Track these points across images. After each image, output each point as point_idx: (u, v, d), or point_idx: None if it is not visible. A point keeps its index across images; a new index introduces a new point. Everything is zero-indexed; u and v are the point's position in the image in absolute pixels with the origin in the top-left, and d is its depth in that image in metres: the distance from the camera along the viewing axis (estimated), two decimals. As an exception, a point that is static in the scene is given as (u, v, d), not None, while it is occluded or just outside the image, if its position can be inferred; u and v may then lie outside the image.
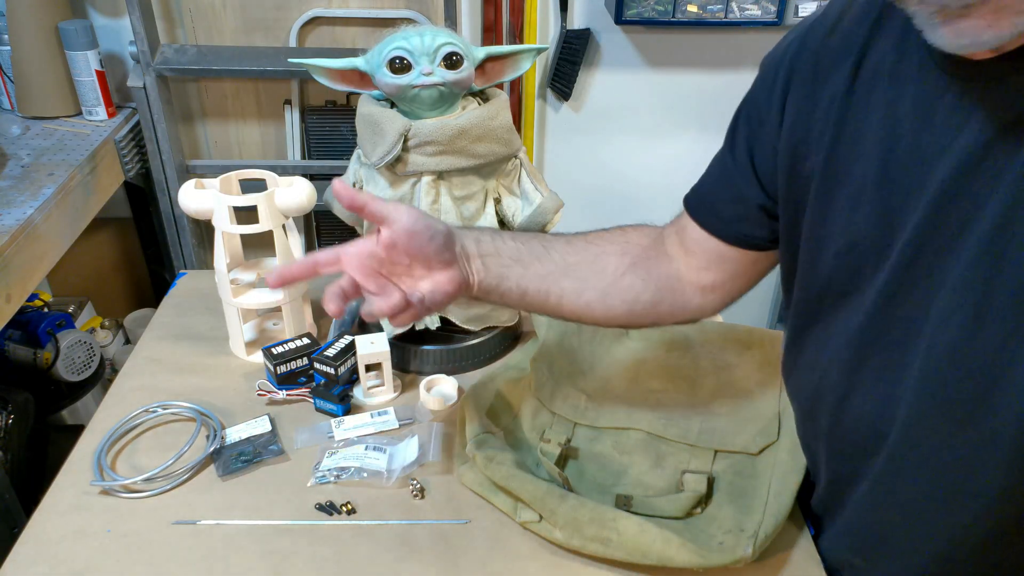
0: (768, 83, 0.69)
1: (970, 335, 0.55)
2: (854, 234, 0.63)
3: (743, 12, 1.70)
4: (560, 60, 1.82)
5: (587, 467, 0.85)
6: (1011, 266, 0.52)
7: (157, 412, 0.93)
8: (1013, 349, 0.53)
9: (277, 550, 0.76)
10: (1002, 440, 0.56)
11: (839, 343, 0.67)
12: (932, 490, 0.61)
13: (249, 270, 1.05)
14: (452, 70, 0.88)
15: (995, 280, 0.53)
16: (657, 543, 0.72)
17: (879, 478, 0.66)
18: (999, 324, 0.53)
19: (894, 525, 0.66)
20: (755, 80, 0.73)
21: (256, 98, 1.86)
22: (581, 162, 2.00)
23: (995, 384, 0.55)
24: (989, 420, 0.56)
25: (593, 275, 0.79)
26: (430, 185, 0.92)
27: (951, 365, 0.57)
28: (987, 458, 0.57)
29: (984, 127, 0.53)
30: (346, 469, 0.84)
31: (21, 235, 1.25)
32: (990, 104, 0.52)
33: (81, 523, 0.79)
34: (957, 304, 0.55)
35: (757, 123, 0.71)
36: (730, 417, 0.90)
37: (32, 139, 1.57)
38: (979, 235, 0.53)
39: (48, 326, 1.60)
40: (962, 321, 0.55)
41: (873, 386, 0.64)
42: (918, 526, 0.64)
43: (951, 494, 0.60)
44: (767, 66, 0.71)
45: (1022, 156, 0.51)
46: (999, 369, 0.54)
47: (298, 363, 0.96)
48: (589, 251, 0.80)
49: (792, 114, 0.67)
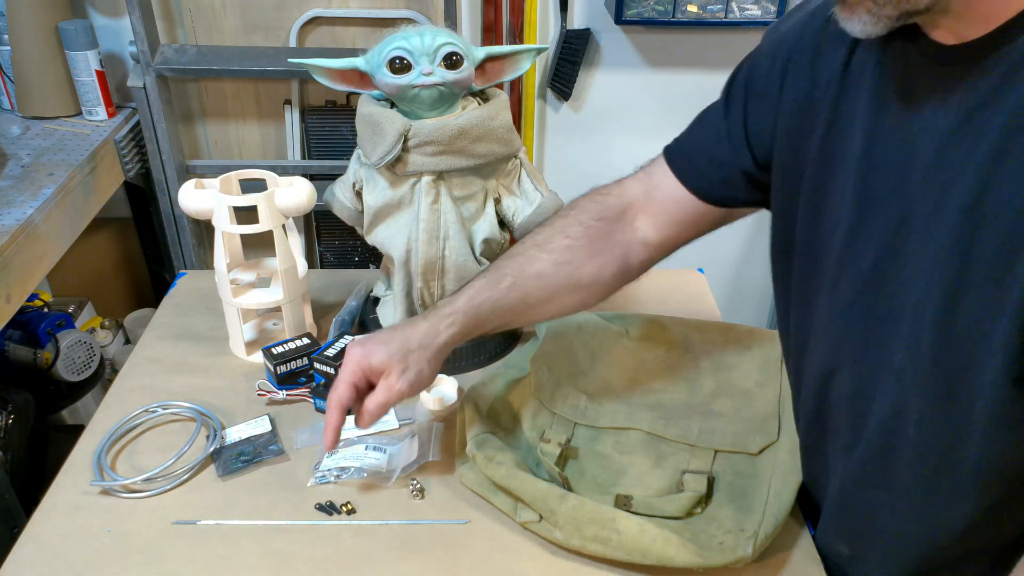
0: (769, 58, 0.72)
1: (946, 313, 0.56)
2: (842, 210, 0.64)
3: (743, 12, 1.70)
4: (560, 60, 1.82)
5: (587, 467, 0.85)
6: (981, 246, 0.53)
7: (157, 412, 0.93)
8: (986, 326, 0.54)
9: (277, 550, 0.76)
10: (977, 416, 0.57)
11: (826, 321, 0.69)
12: (916, 468, 0.62)
13: (249, 270, 1.05)
14: (452, 70, 0.88)
15: (968, 259, 0.54)
16: (657, 543, 0.71)
17: (865, 458, 0.66)
18: (973, 301, 0.54)
19: (881, 506, 0.67)
20: (758, 49, 0.75)
21: (256, 98, 1.86)
22: (581, 162, 2.00)
23: (972, 357, 0.55)
24: (967, 394, 0.57)
25: (560, 289, 0.82)
26: (430, 185, 0.92)
27: (930, 344, 0.58)
28: (967, 432, 0.58)
29: (958, 109, 0.54)
30: (346, 469, 0.84)
31: (21, 235, 1.25)
32: (962, 87, 0.54)
33: (81, 523, 0.79)
34: (934, 283, 0.56)
35: (756, 94, 0.73)
36: (730, 417, 0.90)
37: (32, 139, 1.56)
38: (952, 215, 0.55)
39: (48, 326, 1.60)
40: (939, 299, 0.56)
41: (855, 364, 0.66)
42: (903, 507, 0.65)
43: (933, 471, 0.61)
44: (771, 42, 0.73)
45: (988, 137, 0.52)
46: (975, 344, 0.55)
47: (298, 363, 0.96)
48: (545, 279, 0.82)
49: (791, 92, 0.69)
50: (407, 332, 0.78)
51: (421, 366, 0.77)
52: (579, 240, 0.82)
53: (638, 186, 0.84)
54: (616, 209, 0.84)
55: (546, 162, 2.01)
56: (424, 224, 0.93)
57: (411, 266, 0.96)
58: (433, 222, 0.93)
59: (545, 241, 0.82)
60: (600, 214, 0.83)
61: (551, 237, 0.83)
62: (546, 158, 2.00)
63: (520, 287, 0.81)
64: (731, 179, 0.78)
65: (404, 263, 0.96)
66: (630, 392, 0.95)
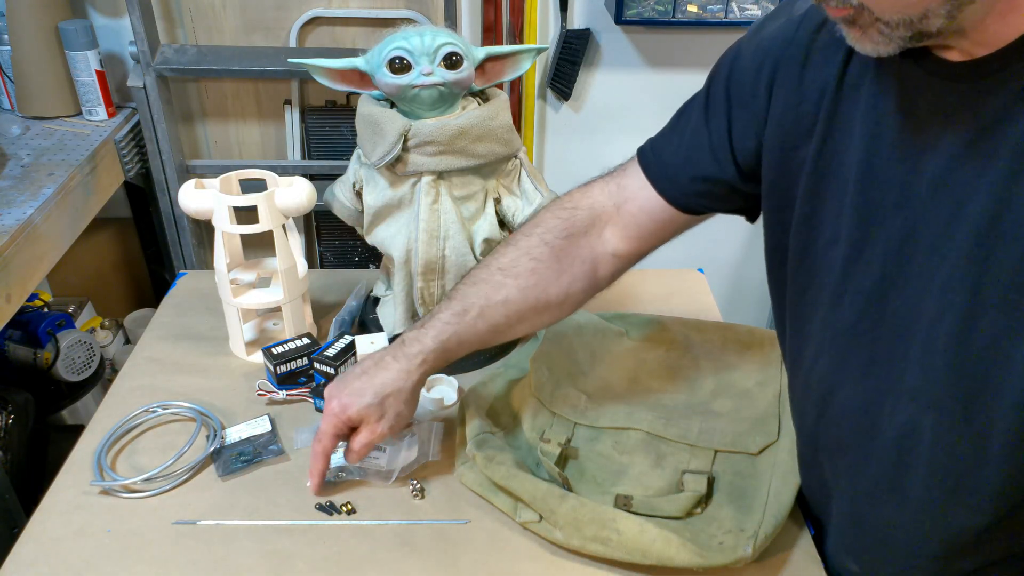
0: (754, 65, 0.69)
1: (962, 335, 0.55)
2: (839, 226, 0.63)
3: (743, 12, 1.71)
4: (560, 60, 1.82)
5: (587, 467, 0.85)
6: (998, 266, 0.52)
7: (157, 412, 0.93)
8: (1006, 348, 0.53)
9: (277, 550, 0.76)
10: (996, 437, 0.56)
11: (827, 336, 0.67)
12: (931, 486, 0.61)
13: (249, 270, 1.05)
14: (452, 70, 0.88)
15: (984, 279, 0.53)
16: (657, 543, 0.72)
17: (877, 475, 0.66)
18: (990, 323, 0.54)
19: (894, 524, 0.66)
20: (740, 54, 0.72)
21: (256, 98, 1.86)
22: (581, 162, 2.00)
23: (988, 382, 0.55)
24: (983, 417, 0.56)
25: (528, 311, 0.82)
26: (430, 185, 0.92)
27: (945, 364, 0.57)
28: (983, 455, 0.57)
29: (968, 127, 0.53)
30: (346, 469, 0.84)
31: (21, 235, 1.25)
32: (971, 104, 0.53)
33: (81, 523, 0.79)
34: (948, 304, 0.56)
35: (740, 103, 0.71)
36: (730, 417, 0.90)
37: (32, 139, 1.56)
38: (965, 235, 0.54)
39: (48, 326, 1.60)
40: (954, 321, 0.55)
41: (860, 381, 0.65)
42: (917, 524, 0.64)
43: (948, 492, 0.61)
44: (754, 48, 0.70)
45: (1001, 157, 0.51)
46: (991, 367, 0.54)
47: (298, 363, 0.96)
48: (515, 304, 0.81)
49: (780, 103, 0.67)
50: (380, 377, 0.79)
51: (399, 408, 0.79)
52: (545, 261, 0.80)
53: (606, 197, 0.82)
54: (584, 223, 0.82)
55: (546, 162, 2.01)
56: (424, 224, 0.93)
57: (411, 266, 0.96)
58: (433, 222, 0.93)
59: (510, 264, 0.81)
60: (566, 231, 0.81)
61: (516, 260, 0.81)
62: (546, 158, 2.00)
63: (487, 317, 0.80)
64: (713, 191, 0.76)
65: (404, 263, 0.96)
66: (630, 392, 0.95)
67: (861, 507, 0.69)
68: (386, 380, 0.78)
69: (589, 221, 0.82)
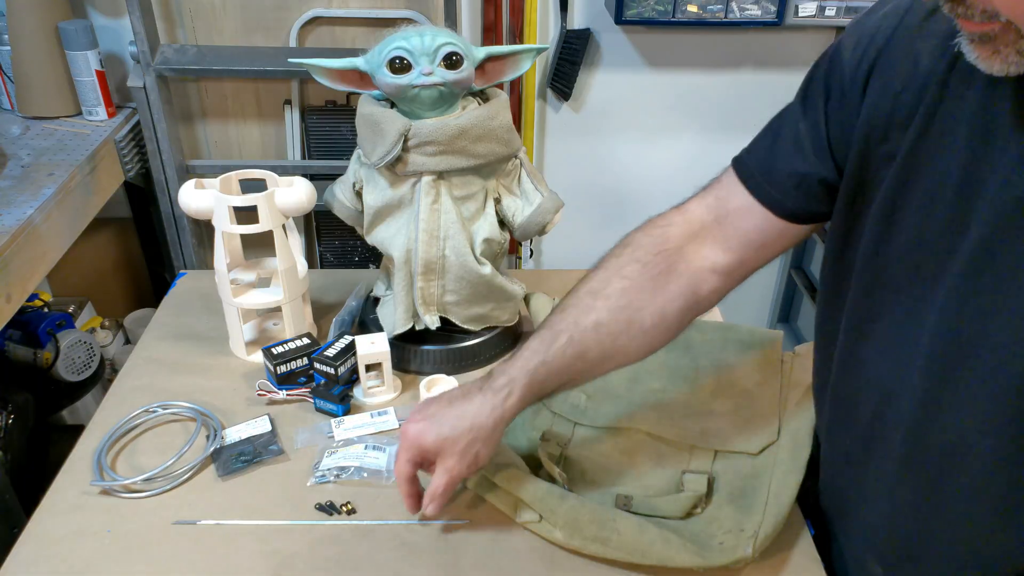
0: (857, 56, 0.65)
1: None
2: (926, 229, 0.60)
3: (743, 12, 1.70)
4: (560, 60, 1.82)
5: (587, 467, 0.85)
6: None
7: (157, 412, 0.93)
8: None
9: (277, 550, 0.76)
10: None
11: (897, 341, 0.64)
12: (981, 499, 0.60)
13: (249, 270, 1.05)
14: (452, 70, 0.88)
15: None
16: (657, 543, 0.72)
17: (922, 485, 0.64)
18: None
19: (935, 534, 0.65)
20: (841, 46, 0.68)
21: (256, 98, 1.86)
22: (581, 162, 2.00)
23: None
24: None
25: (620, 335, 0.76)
26: (430, 185, 0.92)
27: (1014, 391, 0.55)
28: None
29: None
30: (346, 469, 0.84)
31: (21, 235, 1.25)
32: None
33: (81, 523, 0.79)
34: None
35: (839, 93, 0.67)
36: (730, 417, 0.90)
37: (32, 139, 1.56)
38: None
39: (48, 326, 1.60)
40: None
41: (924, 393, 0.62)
42: (960, 534, 0.63)
43: (1000, 500, 0.60)
44: (855, 39, 0.66)
45: None
46: None
47: (298, 363, 0.96)
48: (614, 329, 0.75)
49: (876, 92, 0.64)
50: (460, 408, 0.74)
51: (476, 448, 0.73)
52: (637, 280, 0.75)
53: (704, 209, 0.77)
54: (678, 238, 0.76)
55: (546, 162, 2.01)
56: (424, 224, 0.93)
57: (411, 266, 0.96)
58: (433, 222, 0.93)
59: (600, 286, 0.75)
60: (659, 247, 0.76)
61: (606, 281, 0.75)
62: (546, 158, 2.00)
63: (577, 342, 0.73)
64: (812, 191, 0.70)
65: (404, 263, 0.96)
66: (630, 392, 0.95)
67: (901, 515, 0.67)
68: (466, 411, 0.73)
69: (685, 236, 0.77)
